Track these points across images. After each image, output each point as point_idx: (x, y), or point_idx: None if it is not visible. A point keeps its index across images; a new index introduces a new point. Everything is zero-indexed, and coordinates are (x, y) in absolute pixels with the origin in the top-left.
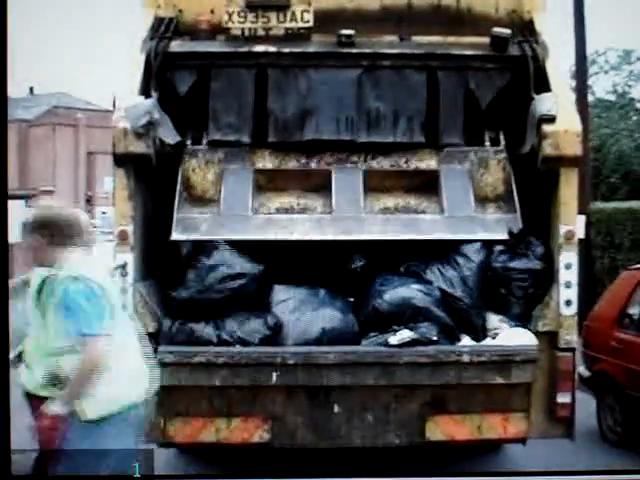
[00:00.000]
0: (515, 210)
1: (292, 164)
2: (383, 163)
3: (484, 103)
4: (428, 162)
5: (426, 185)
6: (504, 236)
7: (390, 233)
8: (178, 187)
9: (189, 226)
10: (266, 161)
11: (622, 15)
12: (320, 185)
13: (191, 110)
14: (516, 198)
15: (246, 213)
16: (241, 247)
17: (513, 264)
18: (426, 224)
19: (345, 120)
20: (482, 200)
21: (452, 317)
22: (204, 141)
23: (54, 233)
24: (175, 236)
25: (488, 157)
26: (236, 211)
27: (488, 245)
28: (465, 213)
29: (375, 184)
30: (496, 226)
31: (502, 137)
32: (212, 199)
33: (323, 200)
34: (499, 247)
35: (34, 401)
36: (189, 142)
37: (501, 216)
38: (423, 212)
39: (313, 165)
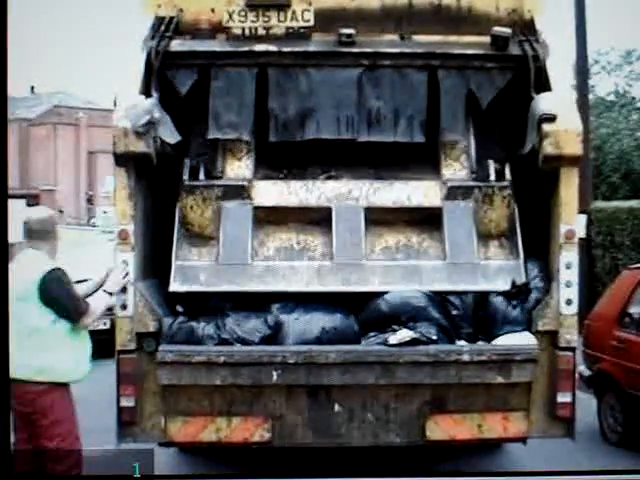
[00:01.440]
0: (518, 251)
1: (292, 199)
2: (385, 198)
3: (485, 102)
4: (431, 198)
5: (428, 219)
6: (506, 287)
7: (391, 284)
8: (176, 225)
9: (188, 276)
10: (265, 196)
11: (623, 15)
12: (320, 219)
13: (192, 109)
14: (519, 235)
15: (245, 261)
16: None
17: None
18: (427, 272)
19: (346, 119)
20: (485, 236)
21: (448, 321)
22: (201, 175)
23: None
24: (174, 287)
25: (493, 193)
26: (235, 258)
27: None
28: (467, 259)
29: (377, 218)
30: (498, 275)
31: (508, 170)
32: (211, 236)
33: (323, 238)
34: None
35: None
36: (185, 177)
37: (504, 263)
38: (425, 252)
39: (313, 201)
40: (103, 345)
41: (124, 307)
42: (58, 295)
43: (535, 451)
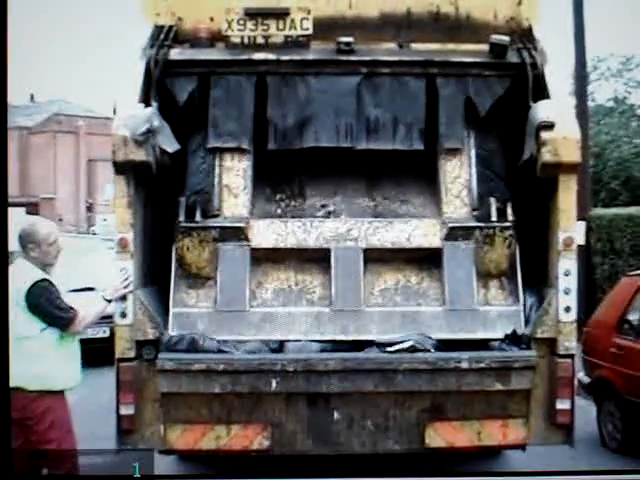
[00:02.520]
0: (518, 293)
1: (290, 240)
2: (384, 239)
3: (483, 109)
4: (431, 238)
5: (428, 257)
6: (507, 332)
7: (389, 332)
8: (173, 265)
9: (186, 324)
10: (262, 237)
11: (622, 22)
12: (319, 258)
13: (191, 118)
14: (519, 275)
15: (243, 307)
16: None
17: None
18: (426, 319)
19: (344, 127)
20: (485, 276)
21: None
22: (197, 216)
23: None
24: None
25: (494, 234)
26: (233, 304)
27: None
28: (467, 306)
29: (376, 256)
30: (498, 323)
31: (510, 209)
32: (208, 276)
33: (322, 277)
34: None
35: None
36: (182, 218)
37: (504, 309)
38: (424, 294)
39: (311, 242)
40: (103, 353)
41: (123, 315)
42: (43, 304)
43: (534, 458)
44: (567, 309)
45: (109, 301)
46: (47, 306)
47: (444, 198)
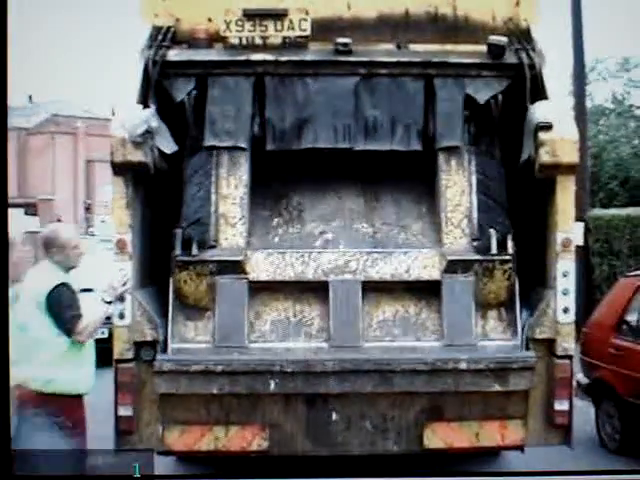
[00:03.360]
0: (516, 326)
1: (288, 272)
2: (383, 271)
3: (482, 100)
4: (430, 270)
5: (427, 288)
6: None
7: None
8: (170, 296)
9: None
10: (260, 269)
11: (620, 23)
12: (318, 288)
13: (188, 119)
14: (518, 307)
15: (242, 343)
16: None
17: None
18: (424, 354)
19: (342, 128)
20: (484, 306)
21: None
22: (194, 249)
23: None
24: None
25: (494, 267)
26: (231, 339)
27: None
28: (465, 340)
29: (374, 287)
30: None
31: (510, 242)
32: (207, 308)
33: (320, 309)
34: None
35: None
36: (178, 251)
37: (502, 344)
38: (423, 326)
39: (309, 275)
40: (101, 354)
41: (122, 316)
42: (55, 310)
43: (533, 459)
44: (565, 310)
45: (109, 302)
46: (58, 311)
47: (444, 228)
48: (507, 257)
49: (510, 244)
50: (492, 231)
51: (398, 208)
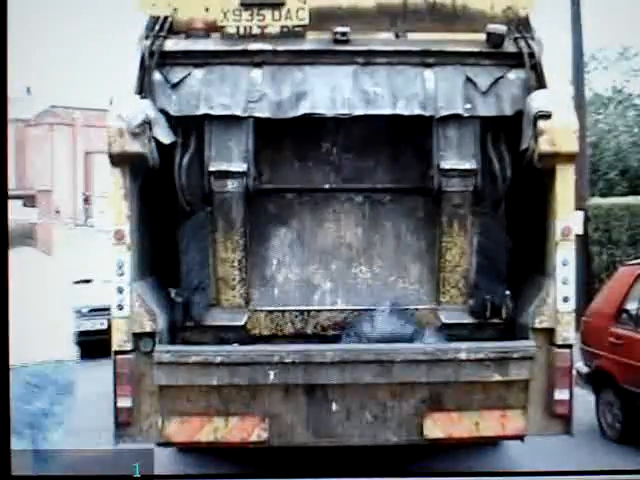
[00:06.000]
0: None
1: (288, 328)
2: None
3: (484, 87)
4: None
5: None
6: None
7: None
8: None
9: None
10: (261, 327)
11: (620, 11)
12: (317, 340)
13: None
14: None
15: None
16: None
17: None
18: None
19: (341, 98)
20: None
21: None
22: (194, 312)
23: None
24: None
25: (485, 330)
26: None
27: None
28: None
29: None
30: None
31: (505, 307)
32: None
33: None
34: None
35: None
36: (179, 318)
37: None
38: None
39: (309, 331)
40: (100, 345)
41: (121, 307)
42: None
43: (533, 449)
44: (565, 299)
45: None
46: None
47: (441, 287)
48: (500, 322)
49: (504, 310)
50: (487, 297)
51: (397, 241)
